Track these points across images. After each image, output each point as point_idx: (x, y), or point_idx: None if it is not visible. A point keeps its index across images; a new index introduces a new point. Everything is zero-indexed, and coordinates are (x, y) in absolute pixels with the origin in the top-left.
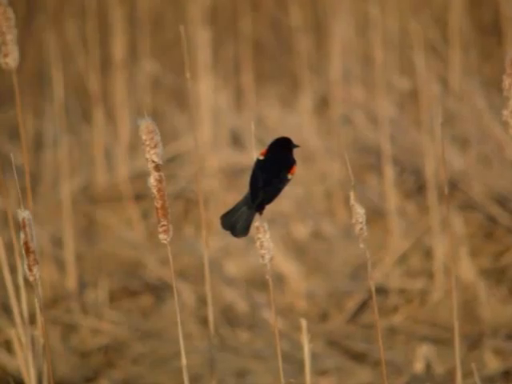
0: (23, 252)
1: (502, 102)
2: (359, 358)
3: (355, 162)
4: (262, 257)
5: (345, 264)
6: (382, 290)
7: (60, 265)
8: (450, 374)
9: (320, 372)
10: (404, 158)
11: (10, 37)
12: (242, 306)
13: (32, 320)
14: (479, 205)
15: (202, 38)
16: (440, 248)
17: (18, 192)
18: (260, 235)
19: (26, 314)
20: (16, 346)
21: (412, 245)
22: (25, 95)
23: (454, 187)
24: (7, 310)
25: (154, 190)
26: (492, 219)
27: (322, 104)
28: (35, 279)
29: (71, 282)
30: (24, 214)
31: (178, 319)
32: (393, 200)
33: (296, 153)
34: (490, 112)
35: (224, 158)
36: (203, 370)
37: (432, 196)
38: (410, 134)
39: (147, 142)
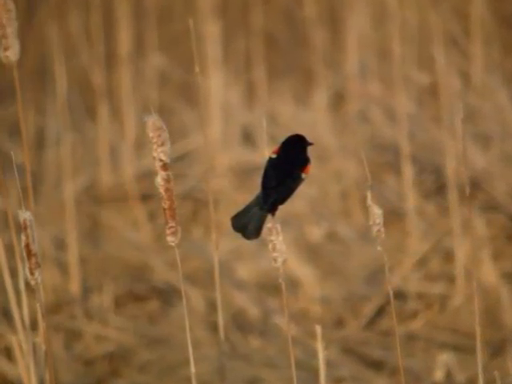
0: (24, 255)
1: None
2: (376, 365)
3: (372, 160)
4: (275, 260)
5: (361, 267)
6: (400, 295)
7: (63, 268)
8: (472, 382)
9: (335, 380)
10: (423, 157)
11: (11, 30)
12: (253, 311)
13: (33, 326)
14: (502, 205)
15: (211, 31)
16: (461, 250)
17: (18, 192)
18: (272, 237)
19: (27, 320)
20: (17, 353)
21: (432, 247)
22: (26, 91)
23: (475, 187)
24: (8, 316)
25: (162, 190)
26: None
27: (338, 100)
28: (37, 283)
29: (74, 286)
30: (25, 215)
31: (187, 325)
32: (411, 200)
33: (310, 151)
34: None
35: (235, 156)
36: (213, 379)
37: (453, 196)
38: (429, 131)
39: (154, 140)
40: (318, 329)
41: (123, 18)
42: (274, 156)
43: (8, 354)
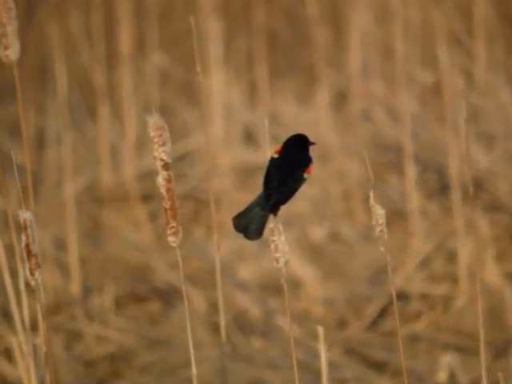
0: (24, 255)
1: None
2: (379, 367)
3: (375, 160)
4: (277, 260)
5: (364, 268)
6: (403, 296)
7: (63, 269)
8: (475, 383)
9: (338, 382)
10: (426, 156)
11: (11, 28)
12: (255, 312)
13: (34, 327)
14: (505, 205)
15: (213, 30)
16: (464, 251)
17: (18, 192)
18: (274, 237)
19: (27, 321)
20: (17, 354)
21: (435, 247)
22: (26, 90)
23: (479, 187)
24: (8, 317)
25: (163, 190)
26: None
27: (340, 99)
28: (37, 284)
29: (75, 287)
30: (25, 215)
31: (188, 326)
32: (414, 200)
33: (312, 151)
34: None
35: (236, 156)
36: (214, 380)
37: (456, 196)
38: (432, 131)
39: (155, 140)
40: (321, 330)
41: (124, 17)
42: (276, 156)
43: (8, 355)
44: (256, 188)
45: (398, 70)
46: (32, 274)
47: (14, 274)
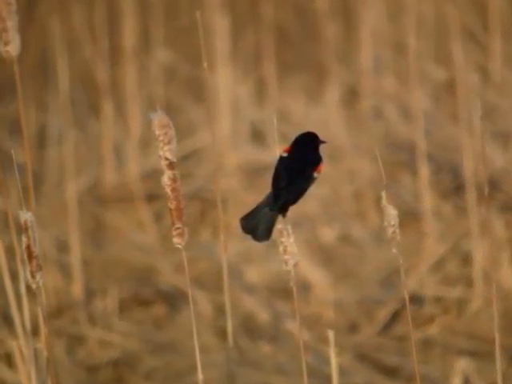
0: (25, 257)
1: None
2: (391, 372)
3: (387, 159)
4: (286, 262)
5: (376, 270)
6: (416, 299)
7: (65, 271)
8: None
9: None
10: (440, 155)
11: (11, 23)
12: (263, 315)
13: (35, 331)
14: None
15: (220, 25)
16: (479, 253)
17: (19, 192)
18: (283, 239)
19: (28, 325)
20: (17, 359)
21: (449, 249)
22: (27, 87)
23: (494, 187)
24: (8, 320)
25: (168, 190)
26: None
27: (351, 96)
28: (38, 286)
29: (77, 290)
30: (26, 216)
31: (194, 330)
32: (428, 201)
33: (322, 149)
34: None
35: (244, 155)
36: None
37: (470, 196)
38: (446, 129)
39: (160, 138)
40: (331, 334)
41: (128, 11)
42: (284, 155)
43: (8, 360)
44: (264, 188)
45: (410, 67)
46: (33, 276)
47: (14, 277)
